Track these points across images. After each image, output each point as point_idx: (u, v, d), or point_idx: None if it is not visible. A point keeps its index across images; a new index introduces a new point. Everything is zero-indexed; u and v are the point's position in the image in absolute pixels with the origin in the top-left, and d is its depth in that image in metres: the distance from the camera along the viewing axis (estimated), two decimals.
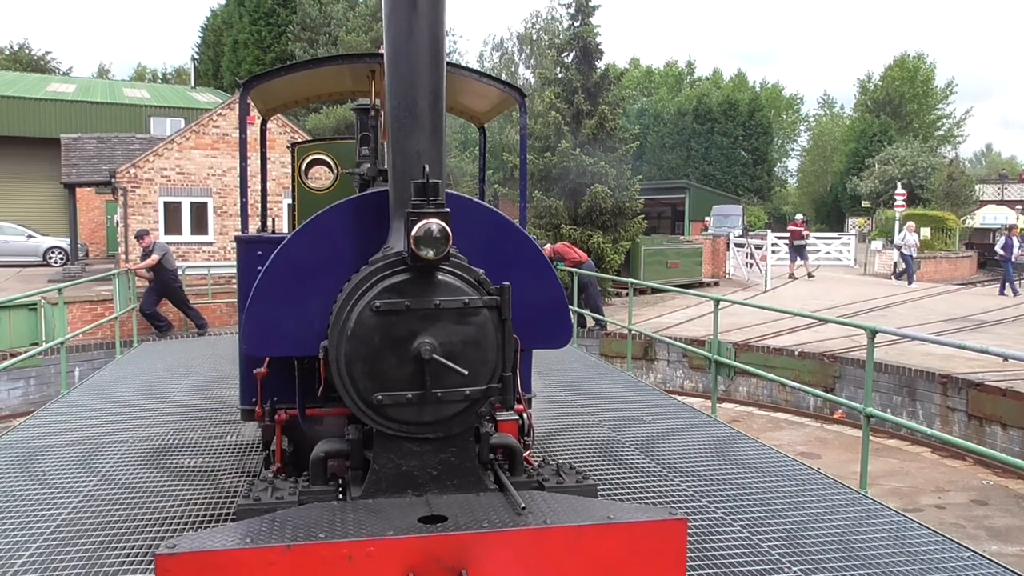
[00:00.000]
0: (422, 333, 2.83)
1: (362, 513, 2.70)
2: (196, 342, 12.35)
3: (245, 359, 4.27)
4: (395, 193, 3.05)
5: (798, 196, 69.68)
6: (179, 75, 59.36)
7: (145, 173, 18.52)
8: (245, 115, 4.59)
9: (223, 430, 6.57)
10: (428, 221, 2.74)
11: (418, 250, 2.75)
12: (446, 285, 2.89)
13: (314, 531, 2.47)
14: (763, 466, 5.74)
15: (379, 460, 2.91)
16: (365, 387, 2.84)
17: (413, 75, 2.94)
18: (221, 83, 40.96)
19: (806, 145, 70.20)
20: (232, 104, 19.39)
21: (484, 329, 2.92)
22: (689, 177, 51.86)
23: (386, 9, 3.01)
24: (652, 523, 2.58)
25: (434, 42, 2.95)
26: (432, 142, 2.98)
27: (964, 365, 10.18)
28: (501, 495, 2.93)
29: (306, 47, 29.95)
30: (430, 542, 2.42)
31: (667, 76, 70.63)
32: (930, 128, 58.03)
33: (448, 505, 2.80)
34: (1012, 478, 8.49)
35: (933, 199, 38.27)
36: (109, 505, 4.71)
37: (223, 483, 5.16)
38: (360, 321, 2.82)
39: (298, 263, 3.20)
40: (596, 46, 20.75)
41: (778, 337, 12.91)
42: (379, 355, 2.83)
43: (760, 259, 22.91)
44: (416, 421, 2.90)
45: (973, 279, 28.98)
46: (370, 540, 2.39)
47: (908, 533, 4.51)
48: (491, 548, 2.44)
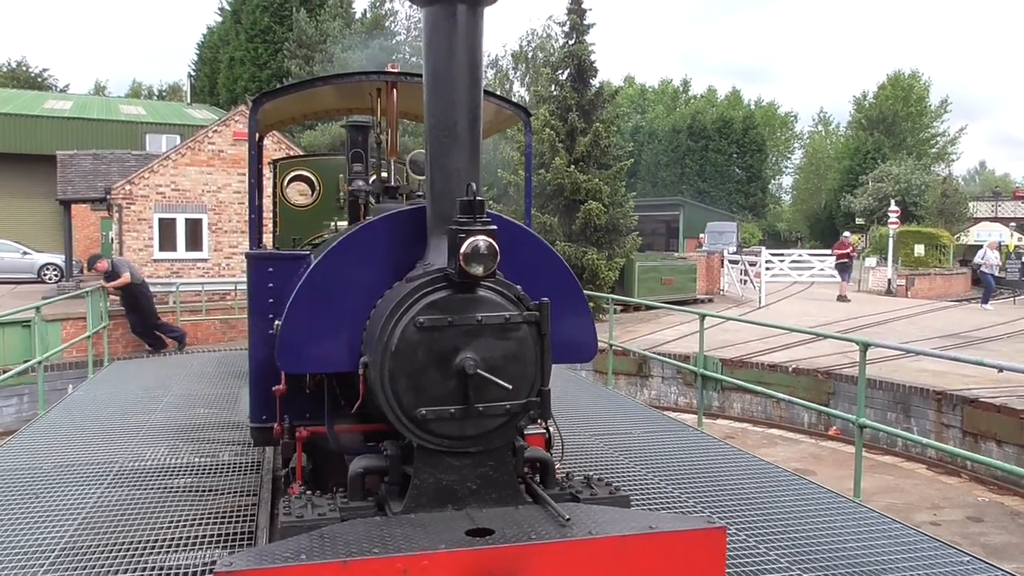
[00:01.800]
0: (464, 348, 2.89)
1: (408, 528, 2.73)
2: (167, 360, 12.21)
3: (256, 377, 4.22)
4: (434, 210, 3.10)
5: (792, 213, 69.95)
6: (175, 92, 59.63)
7: (140, 190, 18.52)
8: (255, 131, 4.58)
9: (215, 448, 6.52)
10: (476, 238, 2.80)
11: (467, 267, 2.80)
12: (487, 301, 2.96)
13: (366, 546, 2.50)
14: (757, 477, 5.85)
15: (420, 475, 2.94)
16: (409, 402, 2.89)
17: (453, 96, 3.02)
18: (217, 100, 41.11)
19: (800, 162, 70.59)
20: (227, 121, 19.45)
21: (524, 344, 2.99)
22: (683, 194, 52.09)
23: (427, 31, 3.07)
24: (694, 532, 2.65)
25: (473, 64, 3.03)
26: (471, 161, 3.06)
27: (959, 381, 10.18)
28: (539, 508, 2.97)
29: (302, 64, 30.11)
30: (482, 555, 2.47)
31: (662, 94, 71.12)
32: (924, 146, 58.44)
33: (491, 518, 2.83)
34: (1008, 495, 8.47)
35: (927, 216, 38.49)
36: (111, 527, 4.65)
37: (223, 502, 5.11)
38: (404, 337, 2.87)
39: (334, 279, 3.22)
40: (590, 64, 20.88)
41: (772, 353, 12.91)
42: (422, 370, 2.89)
43: (754, 276, 22.96)
44: (458, 435, 2.95)
45: (967, 296, 29.04)
46: (424, 554, 2.43)
47: (907, 540, 4.64)
48: (541, 559, 2.49)
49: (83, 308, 14.05)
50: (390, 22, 32.40)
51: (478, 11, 3.01)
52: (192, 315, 15.97)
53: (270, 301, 4.18)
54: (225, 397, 8.88)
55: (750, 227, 49.27)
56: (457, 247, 2.81)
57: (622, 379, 13.83)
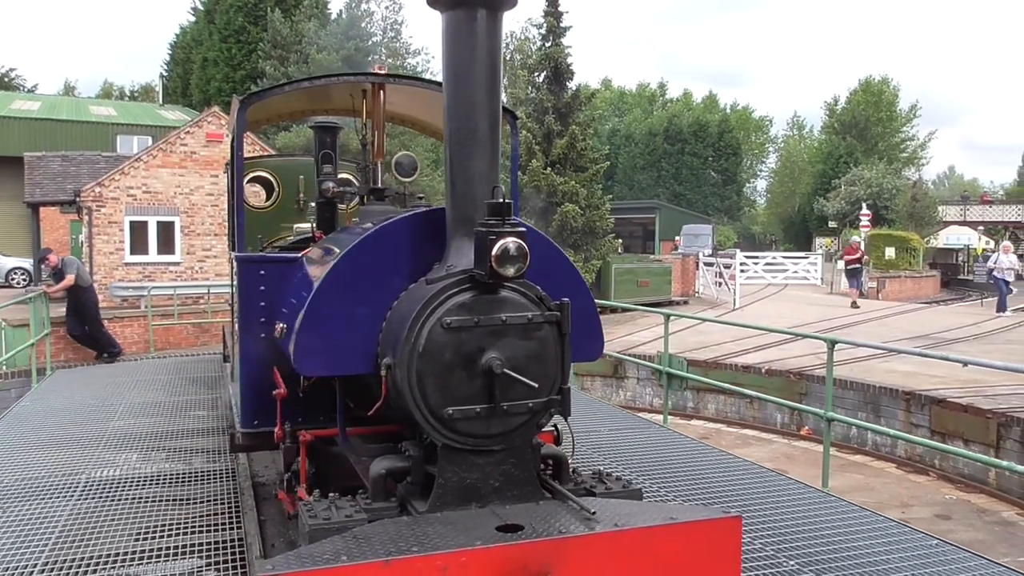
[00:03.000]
0: (490, 348, 2.95)
1: (439, 526, 2.77)
2: (114, 368, 11.88)
3: (247, 381, 4.15)
4: (455, 213, 3.13)
5: (767, 216, 70.72)
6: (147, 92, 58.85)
7: (111, 192, 18.24)
8: (242, 132, 4.52)
9: (184, 456, 6.40)
10: (507, 240, 2.85)
11: (499, 268, 2.85)
12: (511, 301, 3.01)
13: (403, 546, 2.53)
14: (729, 471, 6.06)
15: (445, 474, 2.97)
16: (436, 402, 2.92)
17: (473, 99, 3.06)
18: (190, 101, 40.65)
19: (775, 166, 71.39)
20: (200, 122, 19.24)
21: (546, 343, 3.06)
22: (660, 197, 52.44)
23: (447, 35, 3.09)
24: (713, 521, 2.75)
25: (493, 67, 3.07)
26: (492, 164, 3.12)
27: (927, 382, 10.33)
28: (559, 503, 3.03)
29: (276, 65, 29.85)
30: (517, 550, 2.53)
31: (639, 97, 71.58)
32: (894, 150, 59.39)
33: (516, 514, 2.88)
34: (975, 493, 8.60)
35: (897, 220, 39.08)
36: (89, 540, 4.54)
37: (202, 510, 5.03)
38: (431, 338, 2.90)
39: (352, 281, 3.23)
40: (567, 67, 20.97)
41: (746, 355, 13.01)
42: (449, 370, 2.94)
43: (729, 278, 23.15)
44: (483, 434, 3.00)
45: (937, 298, 29.53)
46: (462, 551, 2.48)
47: (879, 526, 4.92)
48: (572, 552, 2.56)
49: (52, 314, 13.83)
50: (366, 23, 32.25)
51: (498, 15, 3.05)
52: (164, 319, 15.76)
53: (262, 304, 4.14)
54: (187, 404, 8.66)
55: (725, 230, 49.77)
56: (488, 249, 2.84)
57: (598, 381, 13.87)
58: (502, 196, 2.94)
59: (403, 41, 34.11)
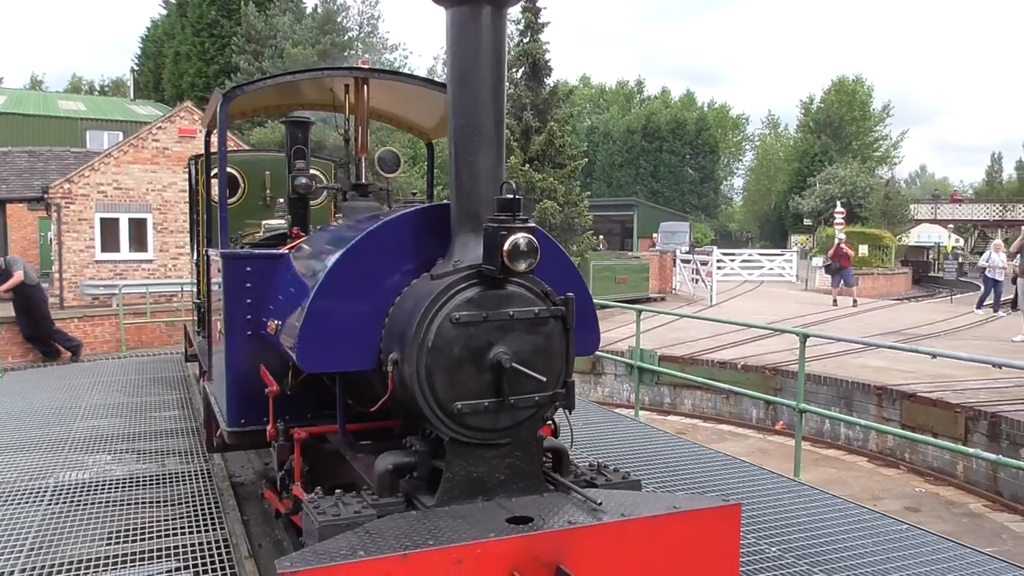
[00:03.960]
0: (498, 343, 2.97)
1: (449, 520, 2.80)
2: (67, 370, 11.60)
3: (233, 380, 4.11)
4: (461, 209, 3.14)
5: (743, 214, 71.33)
6: (117, 87, 57.83)
7: (80, 188, 17.91)
8: (225, 126, 4.44)
9: (155, 458, 6.28)
10: (518, 236, 2.88)
11: (511, 264, 2.88)
12: (518, 296, 3.04)
13: (418, 539, 2.56)
14: (703, 462, 6.25)
15: (452, 468, 2.99)
16: (445, 397, 2.94)
17: (479, 96, 3.07)
18: (162, 96, 40.05)
19: (751, 164, 72.01)
20: (173, 117, 18.97)
21: (552, 338, 3.10)
22: (638, 194, 52.67)
23: (452, 32, 3.09)
24: (715, 509, 2.84)
25: (498, 64, 3.09)
26: (498, 160, 3.14)
27: (898, 377, 10.46)
28: (563, 495, 3.08)
29: (251, 60, 29.50)
30: (530, 541, 2.58)
31: (618, 94, 71.81)
32: (868, 149, 60.18)
33: (523, 507, 2.92)
34: (943, 485, 8.74)
35: (871, 218, 39.58)
36: (66, 544, 4.44)
37: (180, 512, 4.96)
38: (440, 333, 2.92)
39: (355, 277, 3.23)
40: (545, 63, 20.98)
41: (722, 351, 13.10)
42: (458, 365, 2.95)
43: (706, 275, 23.31)
44: (491, 428, 3.03)
45: (908, 295, 29.97)
46: (476, 543, 2.51)
47: (850, 512, 5.15)
48: (582, 542, 2.62)
49: None
50: (342, 18, 32.00)
51: (502, 11, 3.07)
52: (136, 317, 15.54)
53: (248, 302, 4.09)
54: (151, 405, 8.47)
55: (702, 227, 50.09)
56: (499, 244, 2.86)
57: (576, 377, 13.87)
58: (513, 192, 2.95)
59: (380, 36, 33.93)
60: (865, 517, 5.07)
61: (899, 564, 4.30)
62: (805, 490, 5.63)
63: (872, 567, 4.25)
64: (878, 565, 4.27)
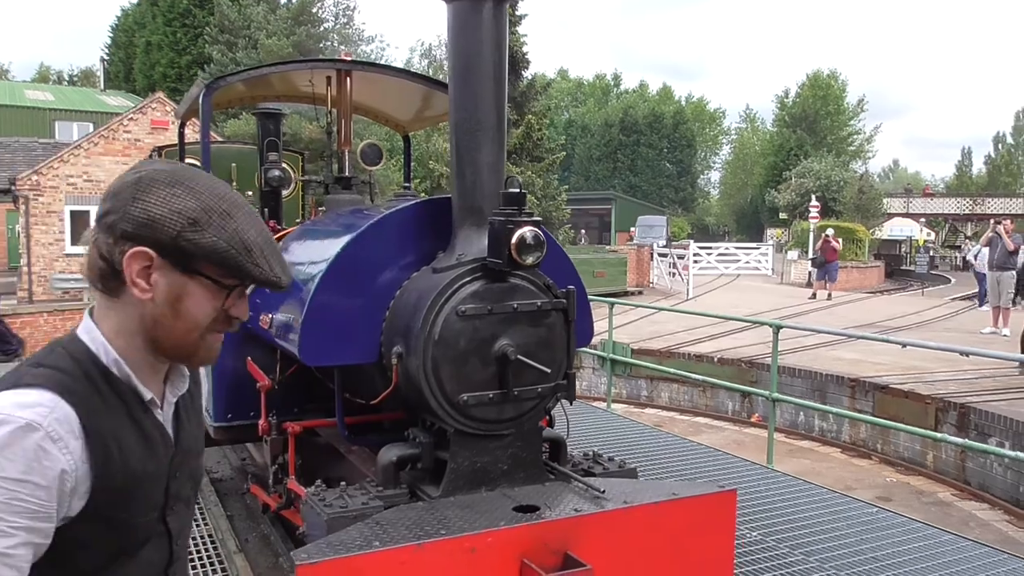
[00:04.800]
0: (502, 335, 3.01)
1: (457, 510, 2.84)
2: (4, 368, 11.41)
3: (220, 375, 4.06)
4: (463, 203, 3.16)
5: (720, 208, 71.85)
6: (87, 77, 56.72)
7: (49, 180, 17.58)
8: (208, 119, 4.39)
9: None
10: (524, 229, 2.90)
11: (519, 257, 2.90)
12: (522, 289, 3.08)
13: (429, 529, 2.61)
14: (675, 450, 6.42)
15: (457, 459, 3.03)
16: (452, 389, 2.97)
17: (482, 89, 3.08)
18: (133, 86, 39.32)
19: (728, 158, 72.50)
20: (144, 108, 18.69)
21: (554, 330, 3.15)
22: (616, 188, 52.82)
23: (454, 26, 3.09)
24: (712, 495, 2.96)
25: (499, 58, 3.11)
26: (500, 154, 3.16)
27: (871, 369, 10.61)
28: (563, 483, 3.15)
29: (224, 51, 29.08)
30: (539, 529, 2.65)
31: (595, 88, 71.88)
32: (842, 143, 60.81)
33: (527, 496, 2.98)
34: (913, 475, 8.88)
35: (845, 211, 40.01)
36: None
37: None
38: (447, 326, 2.95)
39: (357, 270, 3.24)
40: (522, 55, 20.95)
41: (699, 344, 13.19)
42: (464, 358, 2.99)
43: (682, 269, 23.45)
44: (496, 419, 3.07)
45: (881, 288, 30.39)
46: (488, 532, 2.58)
47: (821, 495, 5.41)
48: (588, 529, 2.70)
49: None
50: (318, 8, 31.65)
51: (503, 6, 3.08)
52: None
53: None
54: None
55: (679, 221, 50.37)
56: (507, 238, 2.88)
57: None
58: (518, 186, 2.98)
59: (356, 28, 33.62)
60: (838, 502, 5.28)
61: (872, 545, 4.50)
62: (780, 477, 5.82)
63: (847, 547, 4.45)
64: (853, 547, 4.46)
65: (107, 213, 1.23)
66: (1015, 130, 71.16)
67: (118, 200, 1.22)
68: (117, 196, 1.23)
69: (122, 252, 1.21)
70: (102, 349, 1.26)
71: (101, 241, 1.23)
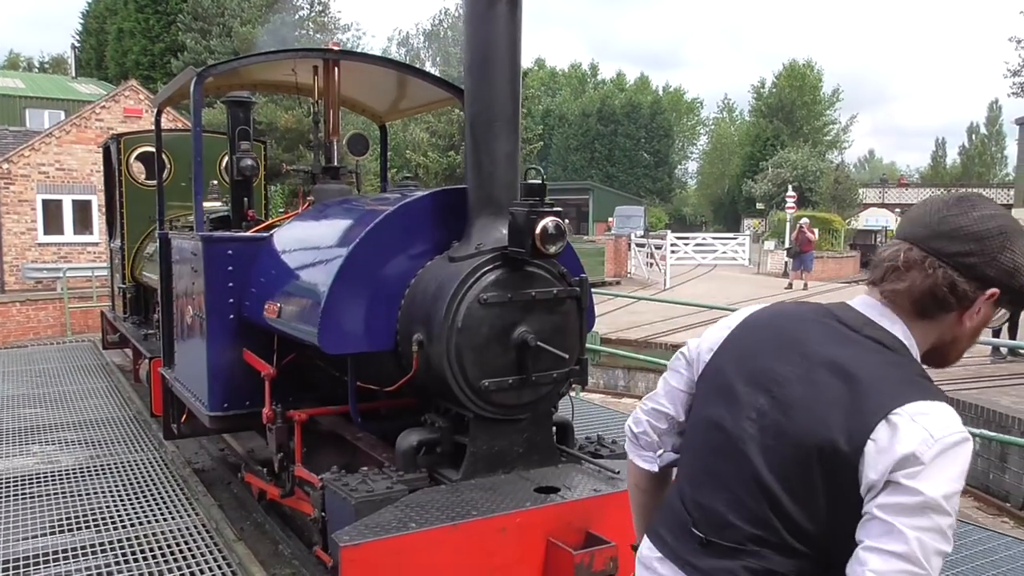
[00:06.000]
0: (521, 323, 3.11)
1: (480, 492, 2.93)
2: None
3: (215, 365, 4.07)
4: (480, 193, 3.22)
5: (697, 198, 72.22)
6: (58, 64, 55.62)
7: (20, 169, 17.26)
8: (200, 107, 4.35)
9: (101, 449, 6.05)
10: (547, 220, 2.99)
11: (543, 246, 2.98)
12: (539, 277, 3.17)
13: (459, 511, 2.71)
14: None
15: (476, 443, 3.12)
16: (474, 375, 3.04)
17: (498, 82, 3.14)
18: (105, 74, 38.55)
19: (705, 148, 72.82)
20: (117, 96, 18.38)
21: (568, 317, 3.26)
22: (593, 178, 52.89)
23: (471, 19, 3.15)
24: None
25: (514, 50, 3.17)
26: (515, 146, 3.24)
27: None
28: (574, 465, 3.27)
29: (198, 38, 28.64)
30: (564, 509, 2.79)
31: (571, 78, 71.74)
32: (818, 134, 61.24)
33: (543, 477, 3.09)
34: None
35: (821, 202, 40.42)
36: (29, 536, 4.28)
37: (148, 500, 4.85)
38: (469, 313, 3.03)
39: (375, 258, 3.29)
40: None
41: (676, 334, 13.30)
42: (486, 344, 3.07)
43: (660, 259, 23.57)
44: (514, 403, 3.17)
45: (857, 277, 30.78)
46: (517, 512, 2.71)
47: None
48: (607, 508, 2.82)
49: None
50: None
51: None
52: (82, 301, 15.09)
53: (230, 285, 4.07)
54: (75, 394, 8.05)
55: (657, 211, 50.58)
56: (530, 228, 2.96)
57: None
58: (542, 177, 3.08)
59: (331, 16, 33.24)
60: None
61: None
62: None
63: None
64: None
65: (969, 254, 1.34)
66: (988, 120, 72.19)
67: (985, 246, 1.34)
68: (983, 242, 1.34)
69: (977, 291, 1.35)
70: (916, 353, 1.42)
71: (943, 275, 1.35)
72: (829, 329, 1.44)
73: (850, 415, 1.26)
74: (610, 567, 2.68)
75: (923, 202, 1.46)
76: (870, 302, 1.48)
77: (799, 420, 1.31)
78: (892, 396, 1.26)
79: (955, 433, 1.24)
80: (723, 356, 1.51)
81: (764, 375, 1.40)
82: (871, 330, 1.40)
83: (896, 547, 1.18)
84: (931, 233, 1.36)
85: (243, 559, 3.99)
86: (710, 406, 1.48)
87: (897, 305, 1.41)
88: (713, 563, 1.38)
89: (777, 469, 1.32)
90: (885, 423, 1.24)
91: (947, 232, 1.35)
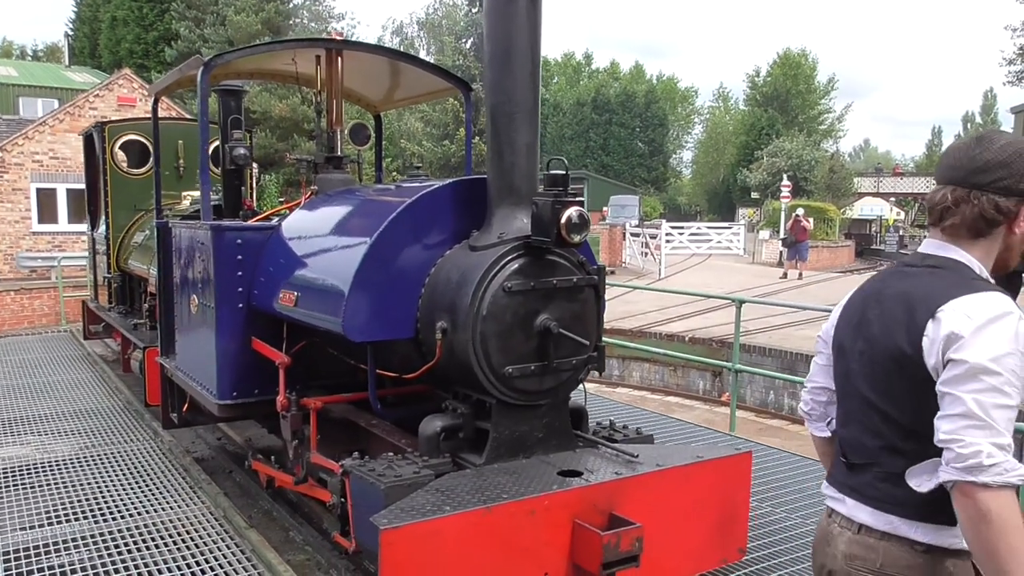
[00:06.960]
0: (543, 310, 3.17)
1: (505, 476, 3.00)
2: None
3: (225, 353, 4.09)
4: (501, 183, 3.25)
5: (692, 187, 72.17)
6: (51, 52, 55.23)
7: (14, 157, 17.18)
8: (206, 97, 4.35)
9: (97, 439, 6.06)
10: (571, 210, 3.04)
11: (568, 235, 3.03)
12: (559, 266, 3.23)
13: (489, 495, 2.77)
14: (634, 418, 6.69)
15: (499, 428, 3.18)
16: (498, 362, 3.09)
17: (519, 73, 3.18)
18: (99, 62, 38.30)
19: (700, 137, 72.71)
20: (111, 85, 18.27)
21: (587, 304, 3.32)
22: (588, 168, 52.79)
23: (492, 11, 3.18)
24: (733, 457, 3.25)
25: (535, 42, 3.21)
26: (535, 136, 3.29)
27: None
28: (592, 449, 3.36)
29: (191, 27, 28.47)
30: (590, 491, 2.86)
31: (565, 67, 71.50)
32: (813, 123, 61.24)
33: (563, 461, 3.17)
34: None
35: (816, 191, 40.44)
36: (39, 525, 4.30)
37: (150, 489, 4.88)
38: (494, 301, 3.08)
39: (398, 246, 3.33)
40: None
41: (670, 324, 13.36)
42: (510, 332, 3.13)
43: (654, 248, 23.61)
44: (536, 389, 3.23)
45: (852, 267, 30.88)
46: (545, 495, 2.77)
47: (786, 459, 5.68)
48: (630, 490, 2.93)
49: None
50: None
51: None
52: (77, 291, 15.06)
53: (239, 274, 4.09)
54: (62, 384, 7.99)
55: (652, 200, 50.58)
56: (555, 217, 3.01)
57: None
58: (566, 168, 3.11)
59: (325, 5, 33.05)
60: (798, 463, 5.61)
61: None
62: (740, 442, 6.08)
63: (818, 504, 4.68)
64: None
65: (1002, 179, 1.67)
66: (983, 109, 72.27)
67: (1012, 169, 1.67)
68: (1010, 167, 1.67)
69: (1018, 204, 1.69)
70: (977, 267, 1.74)
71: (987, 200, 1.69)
72: (897, 273, 1.85)
73: (909, 325, 1.66)
74: (635, 547, 2.75)
75: (949, 149, 1.81)
76: (930, 241, 1.82)
77: (879, 343, 1.75)
78: (937, 298, 1.62)
79: (995, 310, 1.55)
80: (839, 327, 1.94)
81: (859, 326, 1.83)
82: (929, 261, 1.77)
83: (957, 410, 1.53)
84: (967, 172, 1.71)
85: (256, 546, 4.02)
86: (838, 365, 1.93)
87: (957, 236, 1.75)
88: (857, 479, 1.81)
89: (875, 386, 1.75)
90: (932, 320, 1.61)
91: (979, 167, 1.69)
